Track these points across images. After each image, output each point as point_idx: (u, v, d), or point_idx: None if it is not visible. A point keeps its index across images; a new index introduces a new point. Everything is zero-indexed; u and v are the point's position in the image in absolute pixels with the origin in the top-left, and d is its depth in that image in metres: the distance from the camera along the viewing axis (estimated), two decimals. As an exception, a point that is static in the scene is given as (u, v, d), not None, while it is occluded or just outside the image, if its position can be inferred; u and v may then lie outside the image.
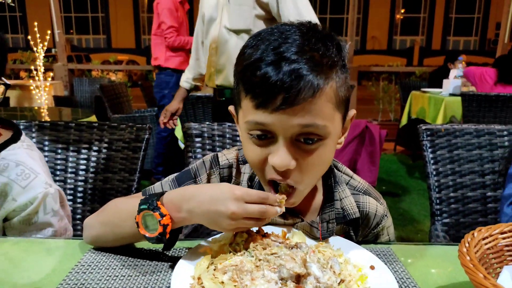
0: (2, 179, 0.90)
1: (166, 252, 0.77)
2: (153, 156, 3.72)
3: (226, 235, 0.72)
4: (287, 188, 0.70)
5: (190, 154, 1.29)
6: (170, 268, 0.71)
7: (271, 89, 0.61)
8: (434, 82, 4.76)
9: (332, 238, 0.78)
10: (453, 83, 3.84)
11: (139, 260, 0.74)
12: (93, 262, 0.73)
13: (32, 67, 4.80)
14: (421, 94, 4.25)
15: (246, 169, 0.83)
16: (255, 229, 0.72)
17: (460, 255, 0.55)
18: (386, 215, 0.86)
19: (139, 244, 0.79)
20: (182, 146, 3.45)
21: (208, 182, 0.83)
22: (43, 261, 0.75)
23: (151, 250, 0.78)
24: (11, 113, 2.96)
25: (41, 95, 4.22)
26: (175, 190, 0.72)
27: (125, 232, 0.74)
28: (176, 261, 0.67)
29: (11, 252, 0.77)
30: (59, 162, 1.27)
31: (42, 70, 4.78)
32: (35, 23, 4.78)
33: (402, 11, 22.25)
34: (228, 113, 0.81)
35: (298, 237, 0.76)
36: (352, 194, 0.83)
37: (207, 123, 1.31)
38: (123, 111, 4.05)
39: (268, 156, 0.67)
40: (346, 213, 0.81)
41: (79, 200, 1.27)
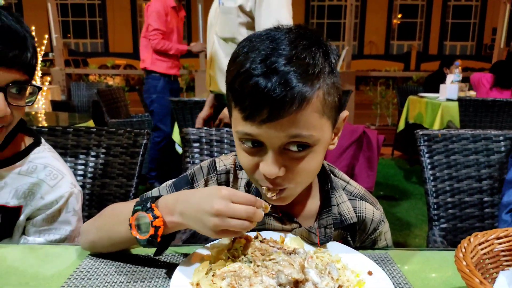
0: (31, 179, 0.95)
1: (165, 258, 0.77)
2: (147, 161, 3.70)
3: (224, 241, 0.72)
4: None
5: (188, 159, 1.29)
6: (169, 274, 0.71)
7: (257, 102, 0.62)
8: (429, 87, 4.78)
9: (330, 244, 0.78)
10: (450, 88, 3.86)
11: (137, 266, 0.74)
12: (91, 268, 0.73)
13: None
14: (418, 99, 4.27)
15: (244, 174, 0.84)
16: (253, 234, 0.73)
17: (456, 260, 0.55)
18: (383, 221, 0.86)
19: (137, 251, 0.79)
20: (180, 150, 3.45)
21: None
22: (42, 267, 0.75)
23: (149, 256, 0.78)
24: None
25: (38, 99, 4.21)
26: (170, 194, 0.73)
27: (120, 236, 0.74)
28: (175, 267, 0.67)
29: (10, 258, 0.77)
30: (57, 167, 1.26)
31: (40, 75, 4.78)
32: (33, 27, 4.78)
33: (399, 16, 22.39)
34: None
35: (296, 242, 0.76)
36: (349, 200, 0.84)
37: (205, 128, 1.32)
38: (121, 116, 4.05)
39: (259, 164, 0.69)
40: (343, 218, 0.81)
41: (77, 205, 1.26)
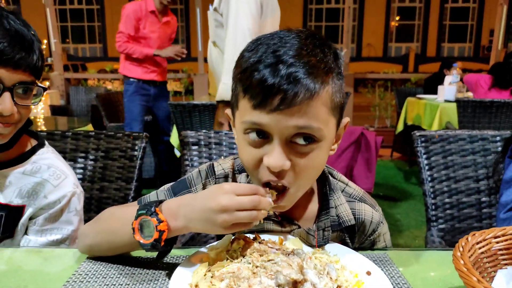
0: (35, 179, 0.97)
1: (163, 260, 0.77)
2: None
3: (223, 242, 0.73)
4: (279, 189, 0.71)
5: (186, 162, 1.29)
6: (168, 276, 0.71)
7: (269, 90, 0.63)
8: (429, 89, 4.80)
9: (329, 245, 0.79)
10: (448, 90, 3.87)
11: (136, 268, 0.74)
12: (90, 271, 0.73)
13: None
14: (416, 100, 4.28)
15: (242, 178, 0.84)
16: (251, 236, 0.73)
17: (454, 259, 0.56)
18: (382, 222, 0.86)
19: (136, 253, 0.79)
20: (178, 154, 3.44)
21: None
22: (41, 270, 0.75)
23: (148, 258, 0.78)
24: (7, 122, 2.94)
25: (37, 104, 4.22)
26: (173, 199, 0.73)
27: (120, 240, 0.74)
28: (174, 269, 0.67)
29: (9, 262, 0.77)
30: (56, 171, 1.27)
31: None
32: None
33: (397, 18, 22.45)
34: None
35: (295, 243, 0.76)
36: (348, 201, 0.84)
37: (204, 131, 1.32)
38: (120, 120, 4.05)
39: (263, 157, 0.68)
40: (341, 220, 0.81)
41: (76, 209, 1.26)
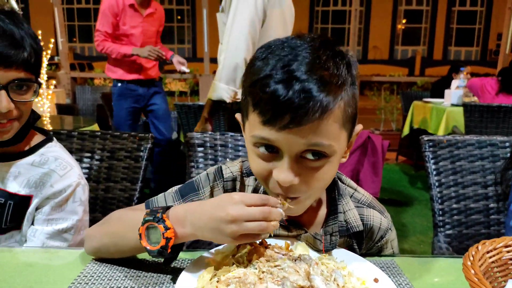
0: (42, 170, 1.02)
1: (169, 263, 0.77)
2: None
3: (229, 246, 0.72)
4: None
5: (192, 164, 1.29)
6: (173, 280, 0.71)
7: (279, 107, 0.61)
8: (436, 92, 4.77)
9: (336, 250, 0.78)
10: (455, 94, 3.85)
11: (141, 271, 0.74)
12: (95, 273, 0.73)
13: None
14: (423, 104, 4.26)
15: (250, 181, 0.83)
16: (258, 240, 0.72)
17: (464, 269, 0.55)
18: (390, 229, 0.85)
19: (142, 256, 0.79)
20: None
21: (211, 195, 0.83)
22: (45, 271, 0.74)
23: (154, 262, 0.78)
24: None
25: (43, 103, 4.24)
26: (181, 205, 0.72)
27: (127, 245, 0.74)
28: (179, 273, 0.67)
29: (13, 262, 0.77)
30: (61, 171, 1.27)
31: (45, 78, 4.81)
32: (39, 32, 4.82)
33: (404, 21, 22.39)
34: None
35: (301, 248, 0.75)
36: (356, 207, 0.83)
37: (210, 132, 1.32)
38: (125, 119, 4.06)
39: (273, 171, 0.67)
40: (349, 226, 0.80)
41: (81, 209, 1.26)
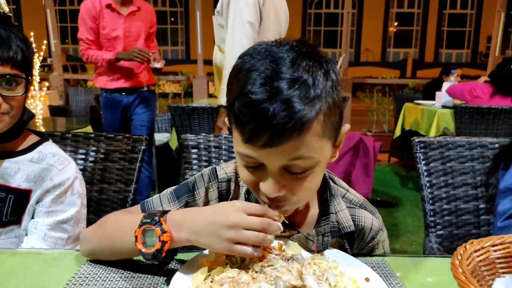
0: (41, 165, 1.08)
1: (163, 264, 0.77)
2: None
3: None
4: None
5: (186, 165, 1.29)
6: (167, 281, 0.71)
7: (257, 128, 0.61)
8: (428, 94, 4.82)
9: (328, 251, 0.79)
10: (445, 96, 3.88)
11: (136, 273, 0.74)
12: (90, 274, 0.73)
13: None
14: (414, 106, 4.30)
15: None
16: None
17: (452, 268, 0.56)
18: (382, 229, 0.87)
19: (136, 257, 0.79)
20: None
21: (206, 196, 0.84)
22: (40, 272, 0.75)
23: (148, 263, 0.78)
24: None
25: (36, 105, 4.21)
26: (179, 210, 0.73)
27: (123, 247, 0.74)
28: (173, 274, 0.68)
29: (7, 264, 0.77)
30: (55, 173, 1.27)
31: (38, 80, 4.78)
32: (31, 33, 4.78)
33: (395, 24, 22.56)
34: None
35: (294, 248, 0.76)
36: (348, 208, 0.84)
37: (203, 134, 1.32)
38: (119, 121, 4.04)
39: (260, 183, 0.68)
40: (341, 226, 0.82)
41: (75, 211, 1.26)
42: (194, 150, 1.31)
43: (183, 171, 1.29)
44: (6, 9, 3.21)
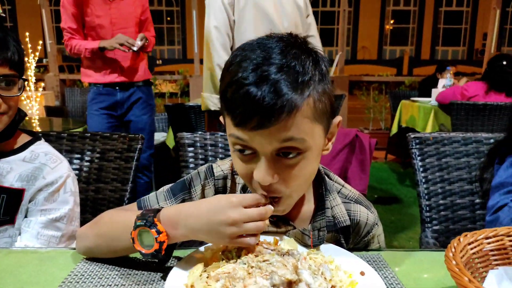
0: (34, 165, 1.08)
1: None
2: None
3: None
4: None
5: (182, 164, 1.29)
6: (163, 277, 0.71)
7: (247, 110, 0.63)
8: (423, 91, 4.84)
9: (323, 246, 0.79)
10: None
11: (132, 269, 0.74)
12: (86, 272, 0.73)
13: (24, 77, 4.76)
14: (410, 103, 4.31)
15: (241, 179, 0.84)
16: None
17: (446, 260, 0.56)
18: (377, 224, 0.87)
19: (133, 254, 0.80)
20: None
21: (203, 193, 0.84)
22: (36, 271, 0.75)
23: (144, 259, 0.78)
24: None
25: (32, 105, 4.19)
26: (172, 207, 0.73)
27: (120, 246, 0.74)
28: (169, 270, 0.68)
29: (3, 263, 0.77)
30: (51, 172, 1.27)
31: (33, 80, 4.76)
32: (27, 33, 4.76)
33: (392, 21, 22.61)
34: None
35: (290, 244, 0.77)
36: (343, 203, 0.85)
37: (200, 132, 1.32)
38: (115, 121, 4.03)
39: (253, 172, 0.69)
40: (336, 221, 0.82)
41: (71, 210, 1.26)
42: (191, 149, 1.31)
43: (180, 169, 1.30)
44: (0, 10, 3.20)
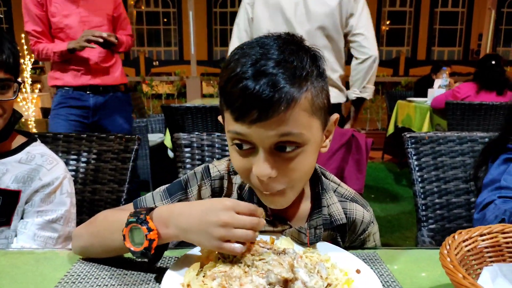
0: (30, 166, 1.08)
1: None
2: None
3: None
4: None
5: (179, 164, 1.30)
6: (160, 277, 0.71)
7: (247, 104, 0.64)
8: (419, 91, 4.86)
9: (320, 244, 0.80)
10: (437, 93, 3.92)
11: (128, 270, 0.74)
12: (82, 272, 0.73)
13: (19, 79, 4.75)
14: (407, 103, 4.33)
15: (237, 179, 0.85)
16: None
17: (441, 257, 0.57)
18: (373, 222, 0.88)
19: (128, 255, 0.79)
20: (172, 155, 3.43)
21: (199, 194, 0.84)
22: (32, 272, 0.74)
23: (140, 260, 0.78)
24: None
25: (28, 107, 4.18)
26: (165, 206, 0.73)
27: (113, 245, 0.74)
28: (165, 270, 0.68)
29: (1, 263, 0.77)
30: (47, 173, 1.26)
31: (29, 82, 4.75)
32: (22, 35, 4.75)
33: (388, 22, 22.68)
34: None
35: (286, 243, 0.77)
36: (340, 201, 0.85)
37: (196, 133, 1.32)
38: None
39: (252, 166, 0.69)
40: (333, 219, 0.83)
41: (68, 211, 1.26)
42: (187, 149, 1.31)
43: (177, 170, 1.30)
44: None
